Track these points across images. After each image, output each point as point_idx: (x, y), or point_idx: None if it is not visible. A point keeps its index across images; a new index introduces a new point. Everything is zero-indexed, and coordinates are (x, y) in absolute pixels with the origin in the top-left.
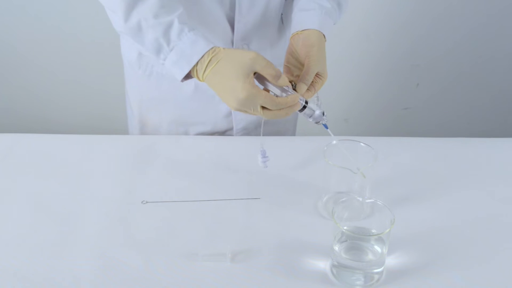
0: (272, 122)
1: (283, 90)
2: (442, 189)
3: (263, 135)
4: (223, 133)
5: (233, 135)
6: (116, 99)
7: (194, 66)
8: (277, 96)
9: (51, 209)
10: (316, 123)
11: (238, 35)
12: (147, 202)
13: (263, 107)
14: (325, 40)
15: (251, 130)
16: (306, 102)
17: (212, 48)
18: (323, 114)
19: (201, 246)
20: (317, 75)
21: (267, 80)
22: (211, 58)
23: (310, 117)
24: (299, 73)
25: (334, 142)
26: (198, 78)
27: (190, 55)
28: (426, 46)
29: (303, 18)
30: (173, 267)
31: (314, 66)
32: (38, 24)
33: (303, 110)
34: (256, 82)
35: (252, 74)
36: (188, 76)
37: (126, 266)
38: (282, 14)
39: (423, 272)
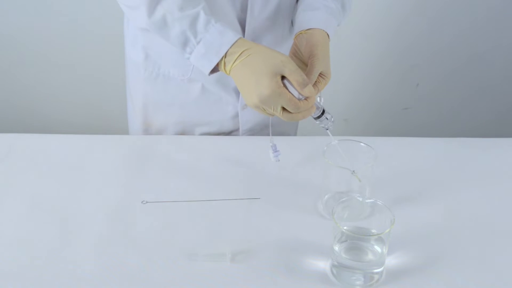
0: (278, 124)
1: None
2: (442, 189)
3: (266, 136)
4: (228, 133)
5: (238, 136)
6: (116, 99)
7: (222, 57)
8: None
9: (51, 209)
10: (322, 126)
11: (248, 36)
12: (147, 202)
13: (283, 108)
14: (329, 40)
15: (256, 132)
16: (323, 111)
17: (240, 38)
18: (331, 118)
19: (201, 246)
20: (320, 74)
21: (289, 83)
22: (243, 51)
23: (318, 119)
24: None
25: (334, 142)
26: (225, 70)
27: (219, 46)
28: (426, 45)
29: (308, 18)
30: (173, 267)
31: (318, 65)
32: (38, 24)
33: (320, 116)
34: None
35: (279, 76)
36: (214, 69)
37: (126, 266)
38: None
39: (423, 272)
